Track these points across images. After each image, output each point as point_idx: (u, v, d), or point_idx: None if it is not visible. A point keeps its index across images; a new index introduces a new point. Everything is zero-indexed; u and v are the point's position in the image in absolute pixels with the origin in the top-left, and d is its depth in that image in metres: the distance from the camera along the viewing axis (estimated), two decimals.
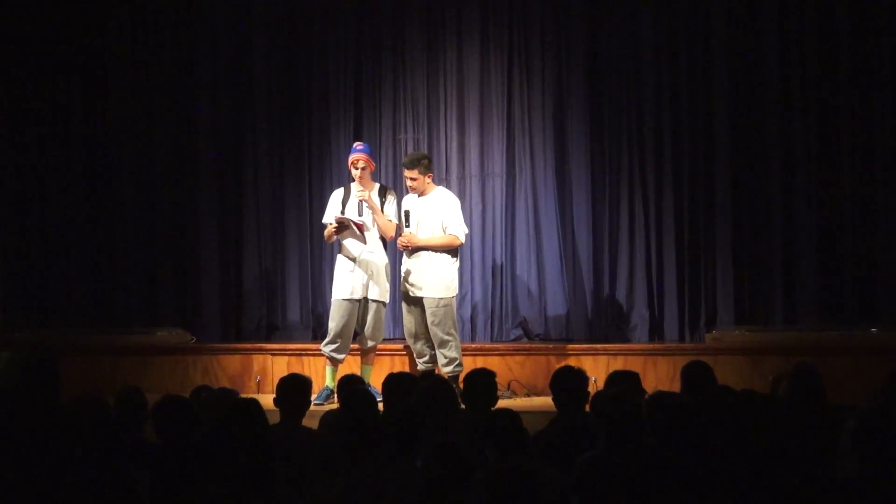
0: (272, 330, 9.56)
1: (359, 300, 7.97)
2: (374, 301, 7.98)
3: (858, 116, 8.88)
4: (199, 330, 9.33)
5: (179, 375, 8.74)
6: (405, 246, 7.93)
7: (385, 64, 9.52)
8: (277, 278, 9.58)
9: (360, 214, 7.94)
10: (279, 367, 8.55)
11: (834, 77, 8.90)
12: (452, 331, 7.87)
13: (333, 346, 7.96)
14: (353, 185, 8.04)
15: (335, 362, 8.02)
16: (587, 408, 5.27)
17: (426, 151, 9.22)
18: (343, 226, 7.93)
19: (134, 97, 9.71)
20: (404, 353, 8.51)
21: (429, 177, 7.97)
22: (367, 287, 7.96)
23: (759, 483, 4.07)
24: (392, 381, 5.83)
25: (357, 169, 7.95)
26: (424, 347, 7.99)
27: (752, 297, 9.01)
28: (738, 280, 9.02)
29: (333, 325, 7.98)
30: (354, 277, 7.97)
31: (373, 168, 8.12)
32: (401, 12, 9.53)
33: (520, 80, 9.35)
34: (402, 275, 8.05)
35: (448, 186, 9.16)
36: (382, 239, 8.06)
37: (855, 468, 4.09)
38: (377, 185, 8.13)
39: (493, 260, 9.34)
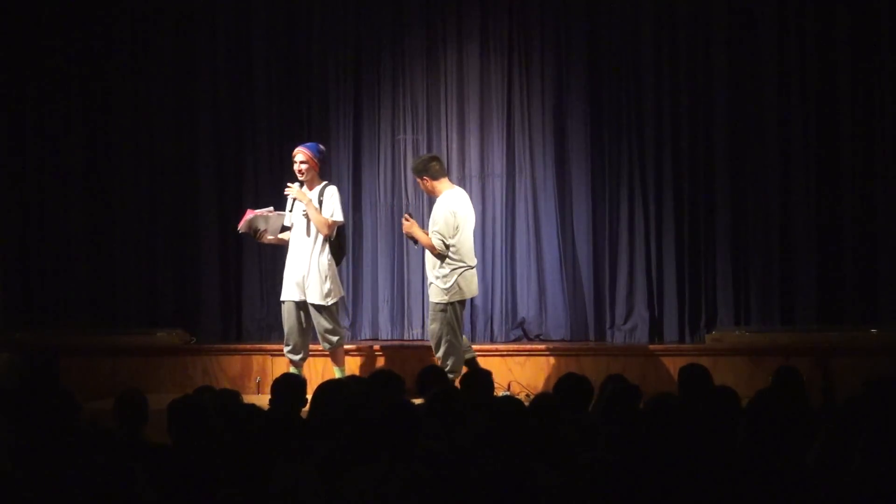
0: (272, 330, 9.55)
1: (298, 302, 7.97)
2: (311, 304, 7.95)
3: (858, 117, 8.88)
4: (199, 330, 9.34)
5: (179, 376, 8.77)
6: (407, 222, 7.86)
7: (385, 64, 9.52)
8: (277, 279, 9.55)
9: (290, 210, 7.96)
10: (279, 367, 8.53)
11: (834, 78, 8.91)
12: (450, 337, 7.74)
13: (287, 348, 8.05)
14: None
15: (293, 364, 8.04)
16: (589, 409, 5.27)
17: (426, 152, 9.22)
18: (255, 232, 8.01)
19: (134, 97, 9.71)
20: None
21: (439, 180, 7.87)
22: (302, 289, 7.94)
23: (757, 483, 4.06)
24: (379, 377, 5.80)
25: (294, 162, 7.96)
26: None
27: (752, 298, 9.00)
28: (738, 280, 9.03)
29: (284, 327, 8.08)
30: (289, 279, 8.01)
31: (316, 167, 8.04)
32: (400, 12, 9.53)
33: (520, 80, 9.35)
34: None
35: None
36: (329, 238, 7.96)
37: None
38: (323, 183, 8.06)
39: (493, 260, 9.33)
